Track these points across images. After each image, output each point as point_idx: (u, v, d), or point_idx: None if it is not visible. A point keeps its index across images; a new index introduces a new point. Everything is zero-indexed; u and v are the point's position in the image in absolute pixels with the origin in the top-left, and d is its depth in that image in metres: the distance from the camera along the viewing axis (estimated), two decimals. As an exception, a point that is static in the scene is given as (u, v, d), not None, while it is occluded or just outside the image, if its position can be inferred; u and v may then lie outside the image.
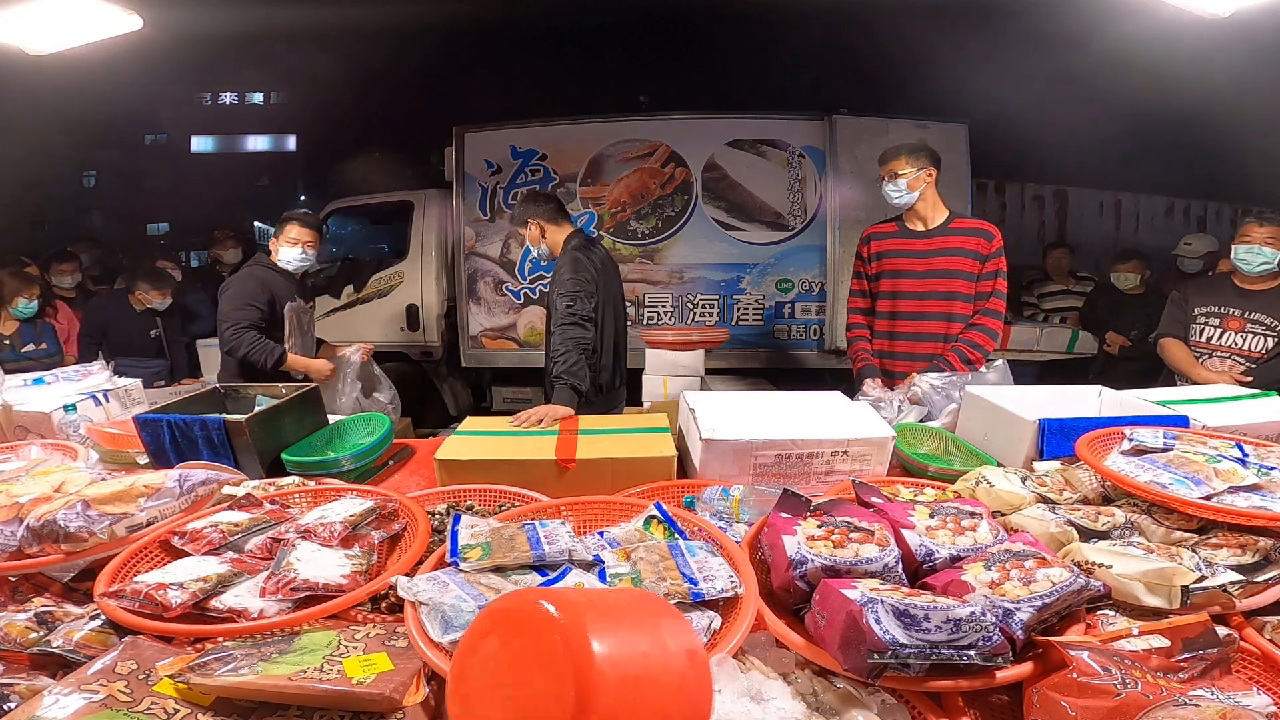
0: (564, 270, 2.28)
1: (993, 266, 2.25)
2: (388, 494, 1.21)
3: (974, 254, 2.25)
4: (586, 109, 4.63)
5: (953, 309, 2.28)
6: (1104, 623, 0.87)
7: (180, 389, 3.19)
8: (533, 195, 2.52)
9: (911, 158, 2.26)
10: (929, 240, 2.30)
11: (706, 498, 1.27)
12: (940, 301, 2.29)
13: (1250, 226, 2.40)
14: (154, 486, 1.14)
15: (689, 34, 6.53)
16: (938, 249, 2.29)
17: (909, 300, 2.34)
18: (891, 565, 0.88)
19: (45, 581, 1.04)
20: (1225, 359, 2.46)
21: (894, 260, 2.36)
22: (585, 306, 2.18)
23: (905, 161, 2.26)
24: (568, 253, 2.34)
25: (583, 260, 2.29)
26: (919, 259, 2.32)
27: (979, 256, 2.25)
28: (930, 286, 2.30)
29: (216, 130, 12.23)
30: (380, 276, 4.86)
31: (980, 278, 2.26)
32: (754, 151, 4.40)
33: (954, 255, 2.26)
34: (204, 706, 0.72)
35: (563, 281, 2.24)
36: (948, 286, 2.27)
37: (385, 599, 0.95)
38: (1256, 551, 0.94)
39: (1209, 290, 2.59)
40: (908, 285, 2.34)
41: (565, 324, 2.15)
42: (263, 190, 12.93)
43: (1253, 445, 1.23)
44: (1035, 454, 1.44)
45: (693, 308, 4.55)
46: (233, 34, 4.84)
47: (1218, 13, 2.43)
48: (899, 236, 2.37)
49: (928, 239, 2.31)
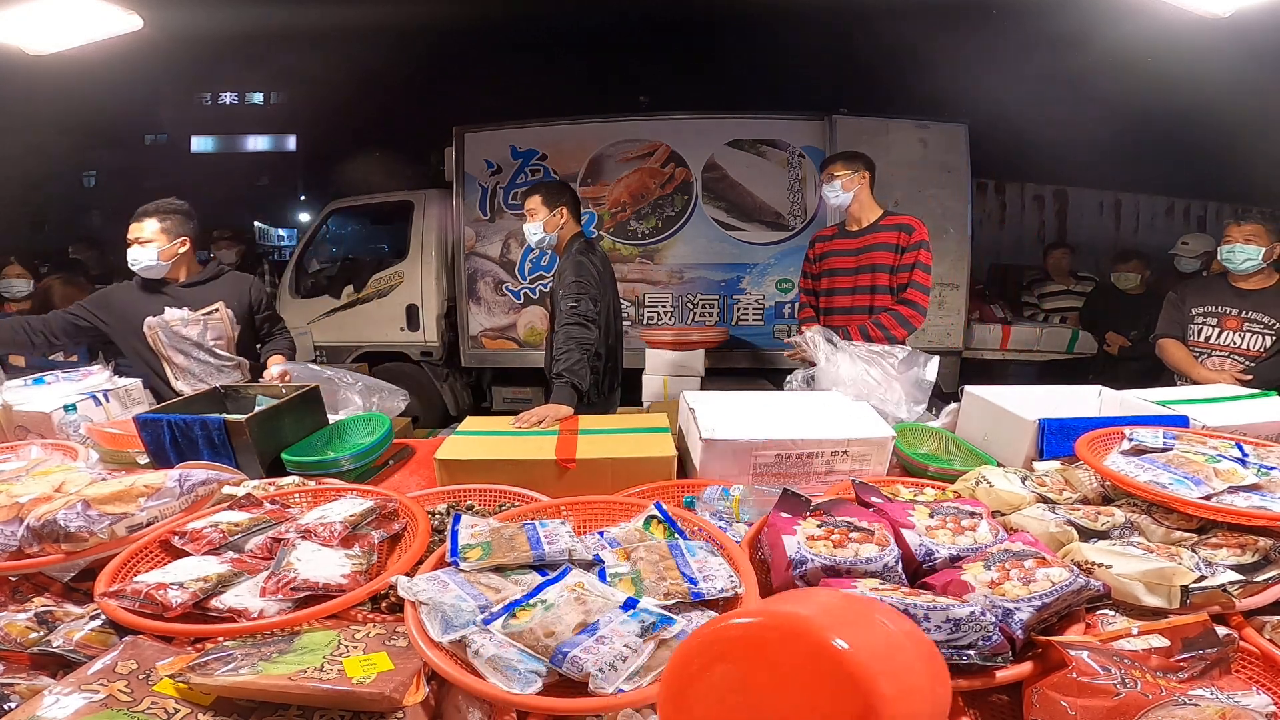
0: (568, 272, 2.29)
1: (909, 259, 2.40)
2: (388, 494, 1.21)
3: (893, 246, 2.42)
4: (586, 109, 4.62)
5: (874, 301, 2.46)
6: (1104, 623, 0.87)
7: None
8: (562, 185, 2.54)
9: (847, 162, 2.52)
10: (859, 239, 2.50)
11: (706, 498, 1.27)
12: (865, 295, 2.49)
13: (1230, 227, 2.46)
14: (154, 486, 1.14)
15: (689, 34, 6.53)
16: (864, 246, 2.48)
17: (841, 296, 2.56)
18: (891, 565, 0.88)
19: (45, 581, 1.04)
20: (1225, 358, 2.48)
21: (831, 260, 2.59)
22: (589, 308, 2.20)
23: (841, 165, 2.51)
24: (571, 255, 2.35)
25: (586, 263, 2.31)
26: (850, 256, 2.52)
27: (897, 249, 2.41)
28: (858, 281, 2.50)
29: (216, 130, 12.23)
30: (380, 276, 4.86)
31: (896, 269, 2.42)
32: (754, 151, 4.41)
33: (876, 250, 2.45)
34: (204, 706, 0.72)
35: (567, 283, 2.26)
36: (870, 280, 2.47)
37: (385, 599, 0.95)
38: (1256, 551, 0.94)
39: (1206, 290, 2.61)
40: (840, 282, 2.56)
41: (569, 324, 2.16)
42: (263, 190, 12.92)
43: (1252, 445, 1.23)
44: (1035, 454, 1.44)
45: (693, 308, 4.55)
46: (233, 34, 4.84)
47: (1217, 13, 2.43)
48: (837, 238, 2.60)
49: (859, 238, 2.51)
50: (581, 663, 0.72)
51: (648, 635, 0.78)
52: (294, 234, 12.77)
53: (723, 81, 6.41)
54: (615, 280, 2.66)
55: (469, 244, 4.63)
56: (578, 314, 2.17)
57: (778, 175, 4.40)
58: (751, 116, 4.44)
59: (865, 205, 2.51)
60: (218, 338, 2.32)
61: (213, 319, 2.31)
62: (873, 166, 2.53)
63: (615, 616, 0.80)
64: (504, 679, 0.72)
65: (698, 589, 0.86)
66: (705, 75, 6.57)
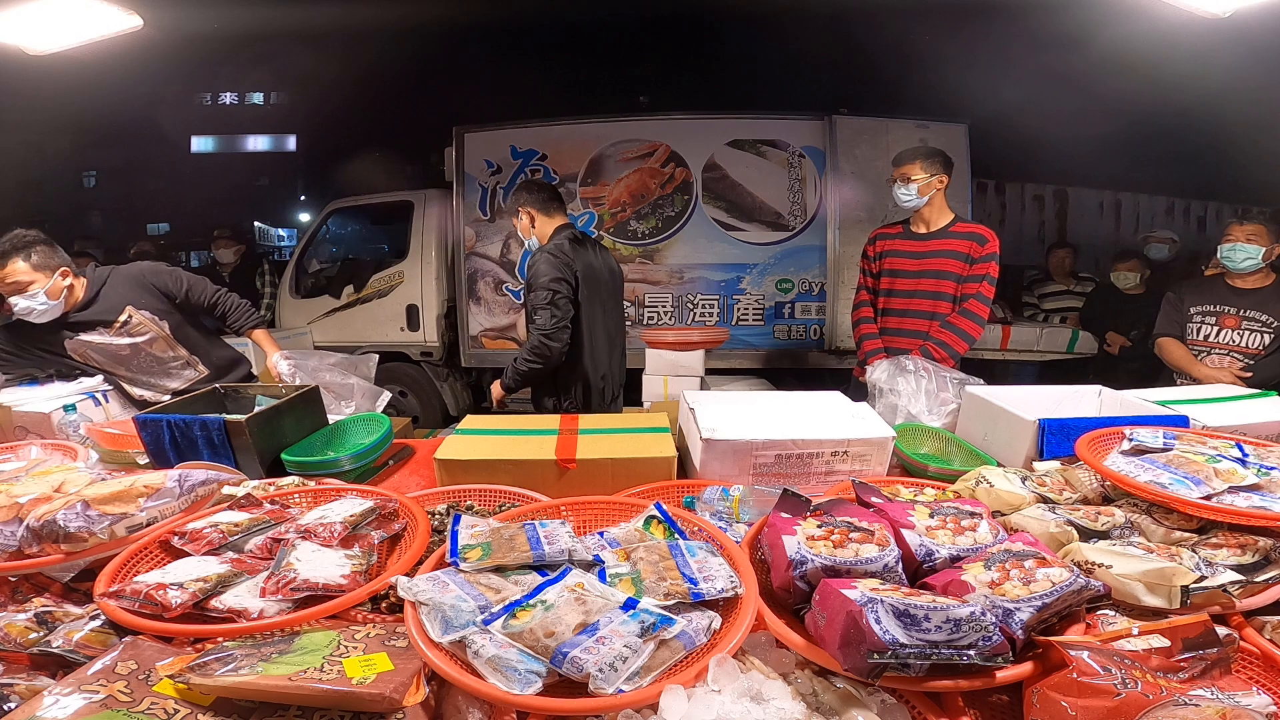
0: (533, 277, 2.26)
1: (980, 270, 2.32)
2: (388, 494, 1.21)
3: (964, 256, 2.33)
4: (586, 109, 4.62)
5: (937, 308, 2.37)
6: (1104, 623, 0.87)
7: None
8: (526, 184, 2.48)
9: (926, 163, 2.34)
10: (927, 243, 2.39)
11: (706, 498, 1.27)
12: (926, 301, 2.39)
13: (1233, 226, 2.47)
14: (154, 486, 1.14)
15: (689, 34, 6.52)
16: (932, 250, 2.37)
17: (899, 298, 2.45)
18: (891, 565, 0.88)
19: (45, 581, 1.04)
20: (1224, 356, 2.48)
21: (893, 260, 2.46)
22: (547, 320, 2.21)
23: (919, 167, 2.34)
24: (541, 252, 2.29)
25: (542, 267, 2.24)
26: (914, 259, 2.41)
27: (968, 259, 2.32)
28: (920, 286, 2.40)
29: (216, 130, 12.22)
30: (380, 276, 4.86)
31: (965, 279, 2.34)
32: (754, 151, 4.41)
33: (945, 257, 2.35)
34: (204, 707, 0.72)
35: (533, 289, 2.25)
36: (935, 286, 2.37)
37: (385, 599, 0.96)
38: (1256, 551, 0.94)
39: (1204, 290, 2.62)
40: (901, 284, 2.45)
41: (529, 348, 2.25)
42: (263, 190, 12.91)
43: (1252, 445, 1.23)
44: (1035, 454, 1.44)
45: (693, 308, 4.55)
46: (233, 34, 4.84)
47: (1217, 13, 2.44)
48: (902, 238, 2.47)
49: (926, 241, 2.40)
50: (581, 663, 0.72)
51: (648, 635, 0.78)
52: (294, 234, 12.76)
53: (723, 81, 6.40)
54: (617, 273, 2.55)
55: (469, 244, 4.63)
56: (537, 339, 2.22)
57: (778, 175, 4.40)
58: (751, 116, 4.44)
59: (938, 209, 2.39)
60: (150, 339, 2.11)
61: (132, 327, 2.08)
62: (951, 166, 2.39)
63: (615, 617, 0.80)
64: (504, 679, 0.72)
65: (698, 589, 0.86)
66: (705, 75, 6.56)
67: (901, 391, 1.89)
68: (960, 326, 2.32)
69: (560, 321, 2.21)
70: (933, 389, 1.86)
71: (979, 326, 2.33)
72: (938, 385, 1.86)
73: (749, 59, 6.45)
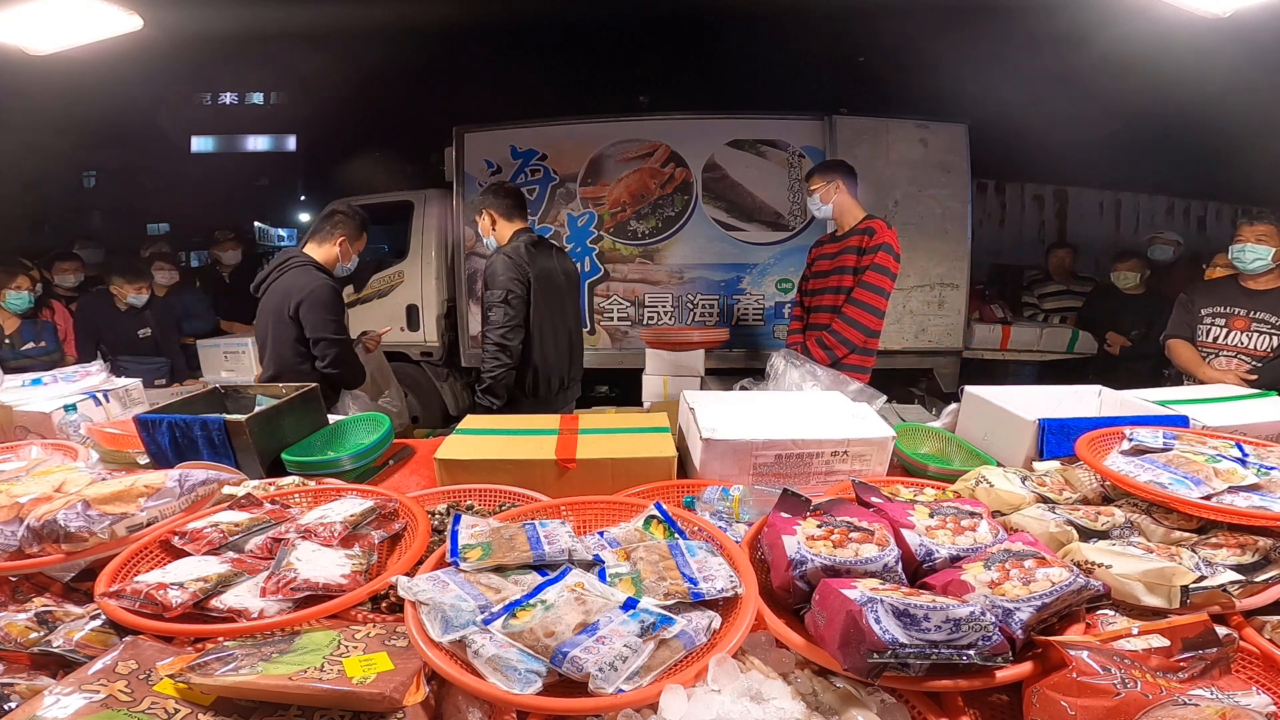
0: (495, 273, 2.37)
1: (868, 260, 2.47)
2: (388, 494, 1.21)
3: (856, 249, 2.50)
4: (586, 109, 4.61)
5: (837, 302, 2.56)
6: (1104, 622, 0.87)
7: (181, 389, 3.19)
8: (494, 187, 2.60)
9: (821, 174, 2.60)
10: (838, 243, 2.60)
11: (706, 498, 1.27)
12: (830, 296, 2.59)
13: (1243, 227, 2.49)
14: (154, 486, 1.14)
15: (689, 34, 6.51)
16: (839, 250, 2.58)
17: (816, 296, 2.68)
18: (891, 565, 0.88)
19: (46, 581, 1.04)
20: (1231, 358, 2.49)
21: (818, 264, 2.70)
22: (501, 316, 2.32)
23: (817, 179, 2.60)
24: (499, 253, 2.42)
25: (511, 263, 2.36)
26: (828, 260, 2.63)
27: (859, 251, 2.50)
28: (828, 284, 2.61)
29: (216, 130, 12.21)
30: (380, 276, 4.86)
31: (857, 270, 2.51)
32: (754, 151, 4.40)
33: (845, 254, 2.54)
34: (204, 706, 0.72)
35: (491, 292, 2.36)
36: (838, 282, 2.57)
37: (385, 599, 0.96)
38: (1256, 551, 0.94)
39: (1215, 291, 2.63)
40: (816, 284, 2.68)
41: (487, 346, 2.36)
42: (263, 190, 12.90)
43: (1252, 445, 1.23)
44: (1035, 454, 1.45)
45: (693, 308, 4.55)
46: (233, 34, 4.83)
47: (1217, 13, 2.44)
48: (825, 243, 2.71)
49: (837, 242, 2.61)
50: (581, 663, 0.72)
51: (648, 635, 0.78)
52: (294, 234, 12.75)
53: (723, 81, 6.39)
54: (572, 274, 2.67)
55: (469, 244, 4.62)
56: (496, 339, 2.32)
57: (778, 175, 4.40)
58: (751, 116, 4.43)
59: (846, 211, 2.57)
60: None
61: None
62: (851, 171, 2.59)
63: (615, 616, 0.80)
64: (504, 679, 0.72)
65: (698, 589, 0.86)
66: (705, 75, 6.55)
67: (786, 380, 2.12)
68: (849, 315, 2.48)
69: (514, 319, 2.34)
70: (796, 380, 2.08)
71: (867, 312, 2.47)
72: (800, 377, 2.08)
73: (749, 59, 6.44)
